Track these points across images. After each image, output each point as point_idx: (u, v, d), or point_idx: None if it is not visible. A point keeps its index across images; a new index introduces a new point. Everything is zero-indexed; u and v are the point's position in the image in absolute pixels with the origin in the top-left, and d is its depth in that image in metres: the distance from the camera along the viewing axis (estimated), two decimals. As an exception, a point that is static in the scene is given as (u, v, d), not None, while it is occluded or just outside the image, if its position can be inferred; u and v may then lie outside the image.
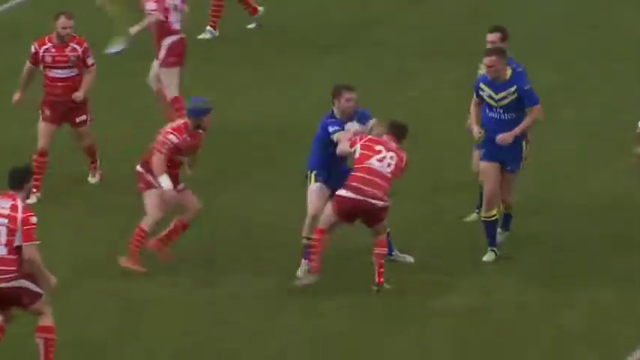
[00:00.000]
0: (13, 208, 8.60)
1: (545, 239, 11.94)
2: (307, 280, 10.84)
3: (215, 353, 9.99)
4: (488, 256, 11.21)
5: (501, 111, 10.74)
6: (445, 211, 12.61)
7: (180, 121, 11.49)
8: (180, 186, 11.39)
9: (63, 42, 12.79)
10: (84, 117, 13.01)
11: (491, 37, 11.13)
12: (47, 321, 8.73)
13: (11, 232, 8.54)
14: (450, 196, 12.92)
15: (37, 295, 8.68)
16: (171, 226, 11.36)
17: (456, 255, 11.66)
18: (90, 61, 13.11)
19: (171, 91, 14.25)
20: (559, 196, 12.87)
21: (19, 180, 8.82)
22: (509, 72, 10.70)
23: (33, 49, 12.89)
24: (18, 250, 8.58)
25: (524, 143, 11.02)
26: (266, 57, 17.99)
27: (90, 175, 13.46)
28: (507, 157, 10.91)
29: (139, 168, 11.39)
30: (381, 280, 10.74)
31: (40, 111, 12.94)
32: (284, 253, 11.58)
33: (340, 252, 11.50)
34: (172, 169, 11.25)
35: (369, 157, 10.65)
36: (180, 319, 10.54)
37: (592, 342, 9.98)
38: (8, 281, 8.49)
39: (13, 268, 8.54)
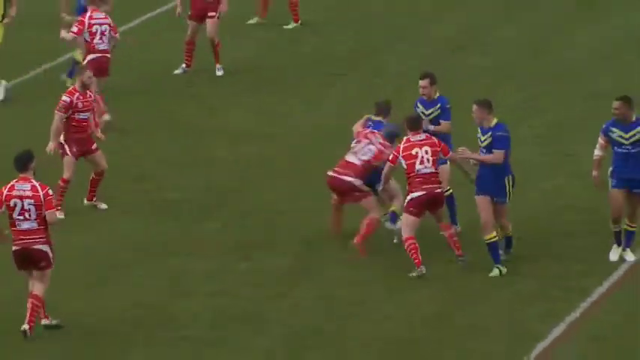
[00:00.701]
0: (34, 188, 10.82)
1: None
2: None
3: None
4: (494, 273, 12.84)
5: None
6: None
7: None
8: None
9: (85, 90, 15.46)
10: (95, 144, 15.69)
11: (422, 82, 13.81)
12: (40, 291, 10.85)
13: (38, 208, 10.80)
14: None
15: (50, 265, 11.02)
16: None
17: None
18: None
19: None
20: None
21: (23, 163, 10.97)
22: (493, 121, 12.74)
23: (68, 99, 14.97)
24: (44, 220, 10.83)
25: (506, 179, 12.67)
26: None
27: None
28: (494, 191, 12.57)
29: None
30: (460, 251, 13.11)
31: (65, 148, 15.24)
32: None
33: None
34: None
35: (414, 164, 12.94)
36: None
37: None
38: (40, 244, 10.83)
39: (42, 235, 10.89)
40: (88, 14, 18.48)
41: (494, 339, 11.70)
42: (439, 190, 13.07)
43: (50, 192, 11.04)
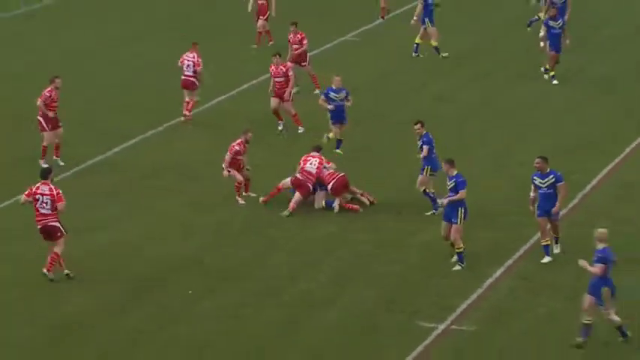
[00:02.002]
0: (50, 189, 16.45)
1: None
2: None
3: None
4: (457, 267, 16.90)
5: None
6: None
7: None
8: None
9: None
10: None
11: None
12: (58, 250, 16.30)
13: (53, 202, 16.37)
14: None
15: (63, 235, 16.39)
16: None
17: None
18: None
19: None
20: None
21: (45, 174, 16.81)
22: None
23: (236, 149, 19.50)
24: (56, 208, 16.32)
25: (460, 209, 16.63)
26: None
27: None
28: (452, 216, 16.66)
29: None
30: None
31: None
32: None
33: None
34: None
35: None
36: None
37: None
38: (53, 222, 16.33)
39: (55, 217, 16.38)
40: None
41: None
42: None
43: (61, 192, 16.48)
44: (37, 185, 16.45)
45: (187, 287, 16.02)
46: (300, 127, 22.61)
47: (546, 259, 16.67)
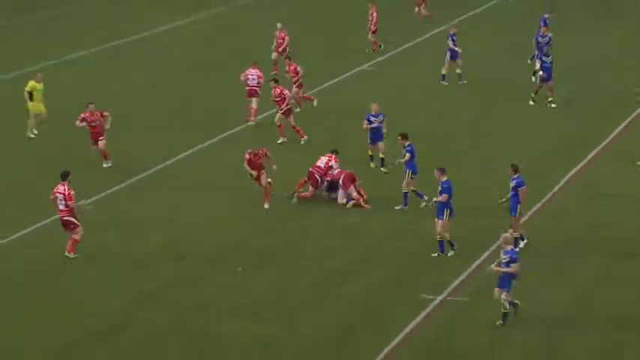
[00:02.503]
0: (65, 189, 19.96)
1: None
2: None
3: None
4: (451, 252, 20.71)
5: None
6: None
7: None
8: None
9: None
10: None
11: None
12: (76, 237, 20.04)
13: (66, 201, 19.93)
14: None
15: (77, 226, 20.07)
16: None
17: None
18: None
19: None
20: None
21: (64, 176, 20.29)
22: None
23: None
24: (68, 205, 19.87)
25: (445, 210, 20.33)
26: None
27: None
28: (439, 214, 20.49)
29: None
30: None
31: None
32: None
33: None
34: None
35: None
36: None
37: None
38: (67, 217, 19.97)
39: (68, 212, 19.95)
40: None
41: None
42: None
43: (72, 193, 20.00)
44: (57, 186, 20.08)
45: (239, 265, 20.25)
46: (302, 139, 27.63)
47: (521, 244, 20.46)
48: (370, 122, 25.35)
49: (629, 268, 20.23)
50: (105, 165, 25.76)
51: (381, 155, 25.47)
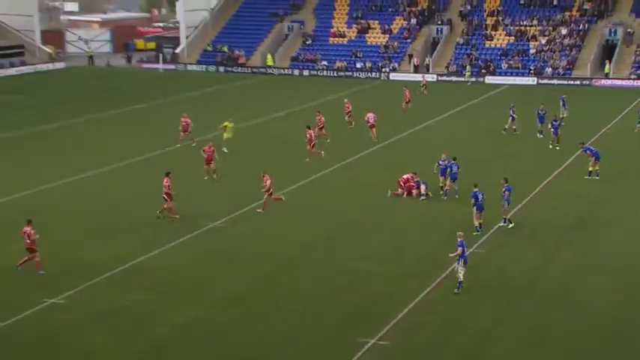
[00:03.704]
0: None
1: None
2: None
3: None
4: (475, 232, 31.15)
5: None
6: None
7: None
8: None
9: None
10: None
11: None
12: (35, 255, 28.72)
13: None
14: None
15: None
16: None
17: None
18: None
19: None
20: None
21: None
22: None
23: None
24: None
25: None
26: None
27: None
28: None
29: None
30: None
31: None
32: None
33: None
34: None
35: None
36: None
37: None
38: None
39: None
40: None
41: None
42: None
43: None
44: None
45: (342, 250, 32.41)
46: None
47: (510, 226, 32.79)
48: (440, 164, 37.83)
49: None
50: None
51: (446, 188, 37.62)
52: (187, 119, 47.45)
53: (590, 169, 40.25)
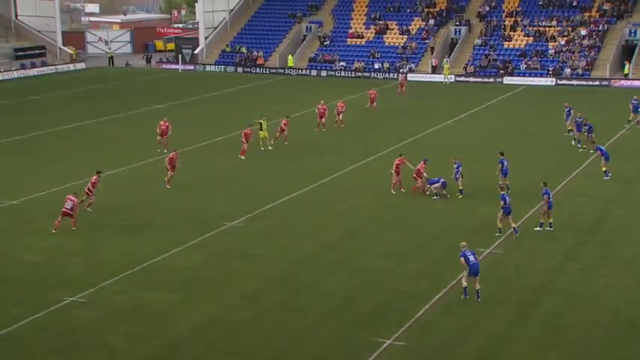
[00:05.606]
0: (74, 196, 33.30)
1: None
2: None
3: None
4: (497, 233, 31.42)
5: None
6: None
7: None
8: None
9: None
10: None
11: None
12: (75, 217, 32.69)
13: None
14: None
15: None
16: None
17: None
18: None
19: None
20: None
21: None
22: None
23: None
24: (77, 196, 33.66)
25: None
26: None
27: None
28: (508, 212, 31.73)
29: None
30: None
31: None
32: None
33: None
34: None
35: None
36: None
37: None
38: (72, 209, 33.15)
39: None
40: None
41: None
42: None
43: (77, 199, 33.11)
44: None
45: (365, 236, 32.77)
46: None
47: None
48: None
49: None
50: None
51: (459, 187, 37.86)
52: (167, 123, 47.83)
53: (604, 168, 40.58)
